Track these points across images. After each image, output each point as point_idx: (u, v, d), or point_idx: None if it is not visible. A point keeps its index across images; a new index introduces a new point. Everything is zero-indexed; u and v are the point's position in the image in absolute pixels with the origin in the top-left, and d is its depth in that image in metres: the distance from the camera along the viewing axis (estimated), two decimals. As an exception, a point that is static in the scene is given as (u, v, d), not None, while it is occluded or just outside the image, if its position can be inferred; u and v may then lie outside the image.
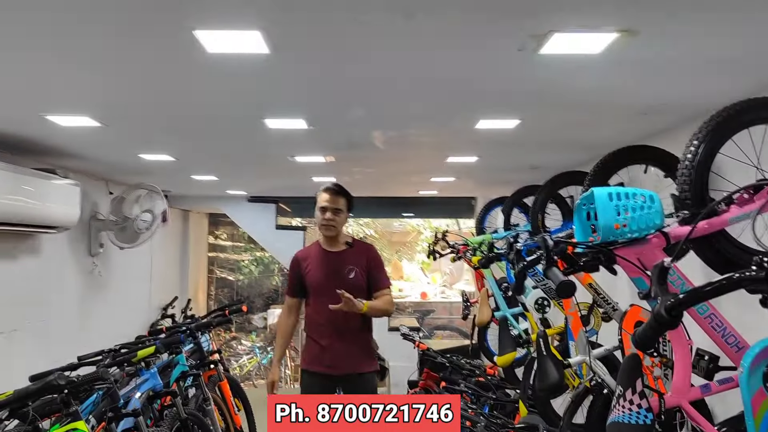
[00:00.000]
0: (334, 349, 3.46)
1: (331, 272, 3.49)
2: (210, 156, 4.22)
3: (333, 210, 3.46)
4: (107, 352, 3.86)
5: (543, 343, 2.74)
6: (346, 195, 3.53)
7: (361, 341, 3.55)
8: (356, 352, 3.51)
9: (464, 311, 5.43)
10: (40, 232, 4.05)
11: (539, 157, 4.14)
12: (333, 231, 3.51)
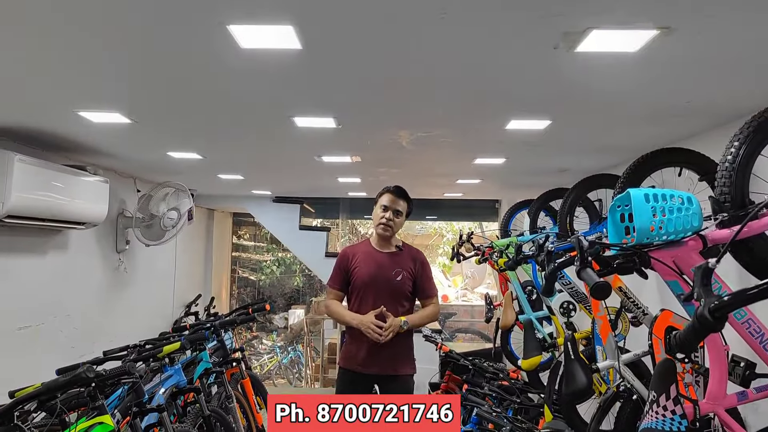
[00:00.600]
0: (374, 348, 3.44)
1: (379, 272, 3.48)
2: (237, 155, 4.23)
3: (394, 211, 3.47)
4: (132, 348, 3.89)
5: (571, 346, 2.69)
6: (407, 199, 3.55)
7: (401, 343, 3.52)
8: (396, 353, 3.50)
9: (487, 314, 5.39)
10: (69, 227, 4.09)
11: (567, 159, 4.09)
12: (389, 232, 3.49)
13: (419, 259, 3.62)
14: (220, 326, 4.41)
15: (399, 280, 3.48)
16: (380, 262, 3.51)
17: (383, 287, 3.45)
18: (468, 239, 4.63)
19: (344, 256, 3.63)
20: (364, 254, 3.55)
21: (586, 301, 3.68)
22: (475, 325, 10.58)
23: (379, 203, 3.49)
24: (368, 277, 3.48)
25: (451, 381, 5.30)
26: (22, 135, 3.51)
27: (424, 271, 3.59)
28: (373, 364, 3.45)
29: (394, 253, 3.57)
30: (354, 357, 3.51)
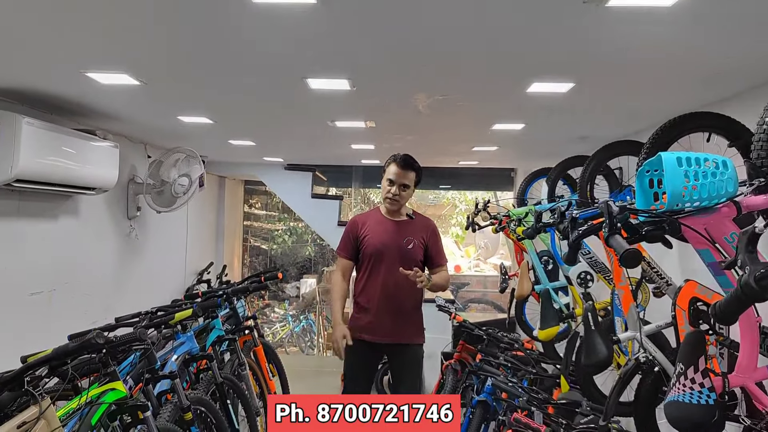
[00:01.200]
0: (383, 317, 3.44)
1: (390, 240, 3.46)
2: (249, 119, 4.14)
3: (401, 185, 3.41)
4: (144, 314, 3.85)
5: (591, 317, 2.62)
6: (416, 169, 3.48)
7: (411, 312, 3.55)
8: (405, 322, 3.51)
9: (502, 284, 5.33)
10: (79, 193, 4.04)
11: (588, 126, 3.96)
12: (396, 206, 3.50)
13: (430, 228, 3.61)
14: (232, 294, 4.37)
15: (410, 248, 3.46)
16: (391, 231, 3.49)
17: (394, 255, 3.43)
18: (484, 208, 4.54)
19: (354, 223, 3.59)
20: (374, 222, 3.53)
21: (606, 271, 3.60)
22: (487, 295, 10.54)
23: (386, 175, 3.45)
24: (379, 245, 3.46)
25: (464, 351, 5.26)
26: (29, 97, 3.44)
27: (435, 241, 3.57)
28: (382, 333, 3.45)
29: (405, 221, 3.55)
30: (362, 326, 3.49)
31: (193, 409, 3.38)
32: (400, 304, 3.47)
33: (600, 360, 2.56)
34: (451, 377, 4.90)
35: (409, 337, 3.55)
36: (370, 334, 3.48)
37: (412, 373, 3.60)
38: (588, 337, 2.59)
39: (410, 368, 3.59)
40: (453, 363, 5.10)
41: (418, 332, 3.64)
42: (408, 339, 3.54)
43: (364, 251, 3.51)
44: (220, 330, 4.29)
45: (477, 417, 4.23)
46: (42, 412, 2.10)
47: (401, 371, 3.61)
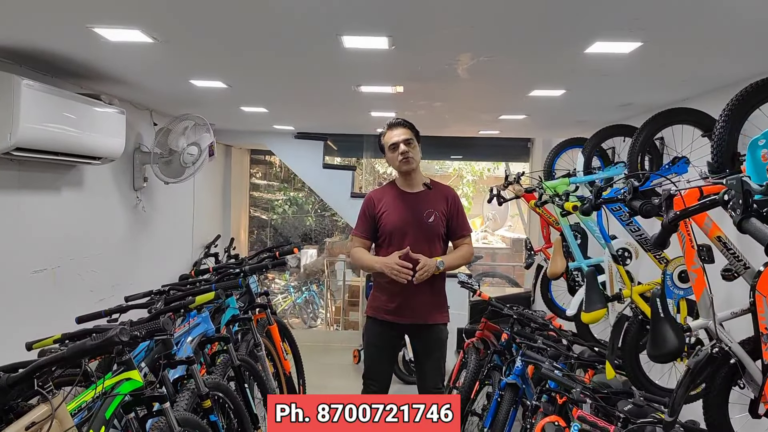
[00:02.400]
0: (404, 297, 3.29)
1: (409, 215, 3.30)
2: (268, 83, 3.81)
3: (405, 141, 3.26)
4: (156, 294, 3.61)
5: (660, 304, 2.38)
6: (412, 127, 3.33)
7: (434, 290, 3.37)
8: (428, 301, 3.35)
9: (527, 260, 5.08)
10: (84, 162, 3.75)
11: (636, 91, 3.65)
12: (413, 163, 3.29)
13: (450, 196, 3.43)
14: (250, 272, 4.10)
15: (431, 222, 3.30)
16: (410, 204, 3.33)
17: (415, 230, 3.28)
18: (517, 180, 4.25)
19: (370, 201, 3.43)
20: (391, 197, 3.37)
21: (656, 249, 3.35)
22: (497, 268, 10.32)
23: (387, 143, 3.31)
24: (399, 222, 3.30)
25: (486, 329, 5.03)
26: (29, 57, 3.12)
27: (456, 209, 3.40)
28: (404, 313, 3.32)
29: (423, 192, 3.37)
30: (383, 306, 3.38)
31: (211, 395, 3.17)
32: (423, 283, 3.26)
33: (670, 350, 2.32)
34: (474, 357, 4.68)
35: (432, 317, 3.40)
36: (392, 315, 3.35)
37: (436, 354, 3.46)
38: (656, 326, 2.35)
39: (434, 349, 3.45)
40: (475, 341, 4.88)
41: (442, 311, 3.47)
42: (432, 319, 3.39)
43: (383, 228, 3.35)
44: (235, 309, 4.05)
45: (506, 401, 4.01)
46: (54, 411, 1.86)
47: (425, 353, 3.46)
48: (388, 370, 3.51)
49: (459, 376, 4.97)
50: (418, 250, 3.22)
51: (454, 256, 3.38)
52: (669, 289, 3.04)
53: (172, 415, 2.61)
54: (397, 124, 3.30)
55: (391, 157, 3.33)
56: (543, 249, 4.84)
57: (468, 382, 4.55)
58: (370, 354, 3.49)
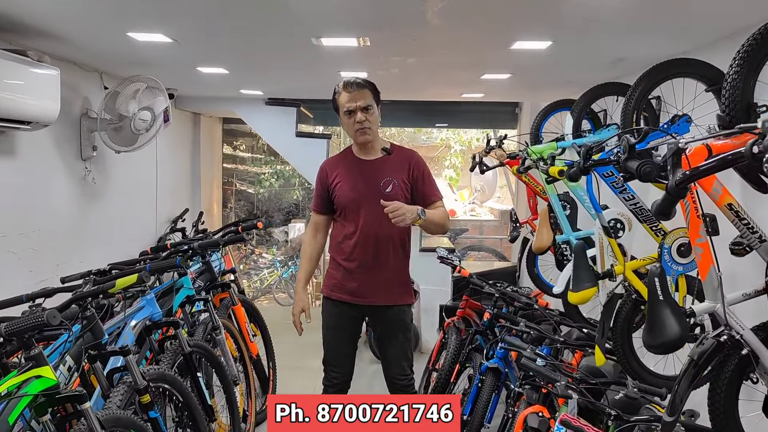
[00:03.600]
0: (363, 275, 3.06)
1: (364, 185, 3.01)
2: (215, 37, 3.39)
3: (362, 109, 2.93)
4: (96, 273, 3.23)
5: (659, 284, 2.02)
6: (370, 86, 2.99)
7: (396, 267, 3.12)
8: (389, 279, 3.10)
9: (512, 233, 4.75)
10: (10, 127, 3.32)
11: (633, 43, 3.25)
12: (370, 134, 2.98)
13: (413, 160, 3.09)
14: (200, 248, 3.72)
15: (389, 192, 2.98)
16: (365, 173, 3.04)
17: (371, 202, 2.96)
18: (499, 144, 3.86)
19: (323, 171, 3.16)
20: (345, 167, 3.09)
21: (652, 220, 2.98)
22: (485, 242, 9.97)
23: (342, 108, 2.98)
24: (352, 193, 3.03)
25: (468, 307, 4.71)
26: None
27: (421, 174, 3.07)
28: (361, 293, 3.08)
29: (381, 159, 3.06)
30: (340, 285, 3.13)
31: (153, 387, 2.82)
32: (382, 260, 3.05)
33: (671, 339, 1.97)
34: (454, 337, 4.36)
35: (393, 298, 3.12)
36: (350, 295, 3.10)
37: (400, 337, 3.17)
38: (655, 310, 2.00)
39: (397, 331, 3.16)
40: (456, 321, 4.55)
41: (405, 291, 3.19)
42: (392, 300, 3.12)
43: (337, 201, 3.08)
44: (190, 289, 3.70)
45: (487, 386, 3.72)
46: None
47: (387, 336, 3.19)
48: (349, 354, 3.22)
49: (439, 357, 4.66)
50: (376, 224, 2.95)
51: (434, 212, 2.99)
52: (667, 265, 2.68)
53: (93, 417, 2.25)
54: (355, 85, 2.93)
55: (347, 124, 3.00)
56: (529, 221, 4.49)
57: (448, 364, 4.25)
58: (329, 338, 3.21)
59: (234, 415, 3.64)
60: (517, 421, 2.91)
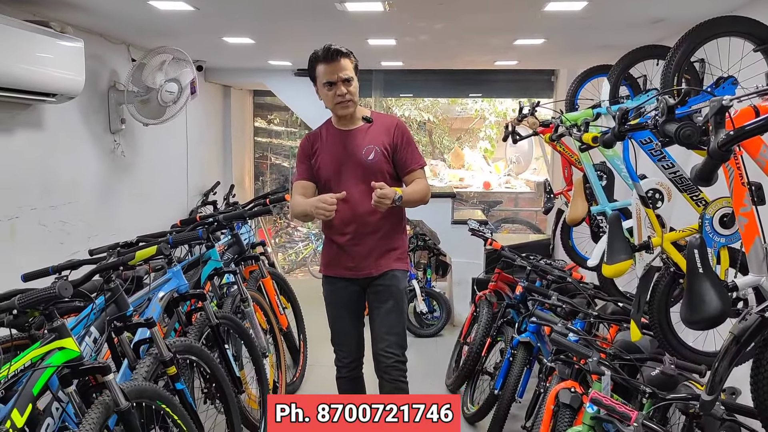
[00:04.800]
0: (355, 247, 2.98)
1: (345, 155, 2.93)
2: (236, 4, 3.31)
3: (343, 81, 2.83)
4: (122, 246, 3.22)
5: (699, 256, 1.90)
6: (348, 54, 2.87)
7: (386, 235, 3.02)
8: (382, 248, 3.01)
9: (546, 204, 4.61)
10: (36, 100, 3.32)
11: (671, 2, 3.06)
12: (350, 108, 2.90)
13: (394, 126, 2.98)
14: (225, 220, 3.70)
15: (371, 159, 2.91)
16: (346, 143, 2.95)
17: (352, 172, 2.91)
18: (531, 112, 3.72)
19: (304, 143, 3.09)
20: (325, 139, 3.01)
21: (693, 189, 2.83)
22: (520, 214, 9.80)
23: (320, 83, 2.88)
24: (333, 163, 2.95)
25: (500, 280, 4.62)
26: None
27: (403, 141, 2.97)
28: (358, 265, 3.00)
29: (362, 128, 2.97)
30: (336, 260, 3.05)
31: (180, 359, 2.82)
32: (371, 229, 2.96)
33: (711, 314, 1.86)
34: (486, 310, 4.29)
35: (386, 264, 3.01)
36: (346, 269, 3.03)
37: (387, 305, 3.01)
38: (694, 283, 1.88)
39: (387, 299, 3.01)
40: (488, 294, 4.47)
41: (398, 257, 3.06)
42: (385, 266, 3.01)
43: (318, 173, 2.99)
44: (218, 261, 3.68)
45: (519, 360, 3.65)
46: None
47: (375, 306, 3.06)
48: (351, 331, 3.15)
49: (470, 330, 4.59)
50: (358, 194, 2.86)
51: (411, 190, 2.92)
52: (708, 236, 2.54)
53: (117, 388, 2.25)
54: (335, 54, 2.80)
55: (326, 96, 2.90)
56: (564, 192, 4.35)
57: (479, 338, 4.19)
58: (331, 316, 3.16)
59: (263, 386, 3.65)
60: (548, 396, 2.84)
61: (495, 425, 3.60)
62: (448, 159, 13.06)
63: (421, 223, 6.57)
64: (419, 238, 6.49)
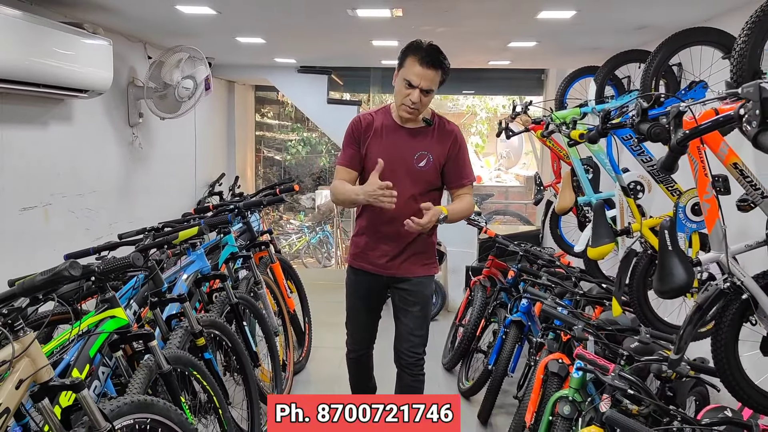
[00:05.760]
0: (386, 245, 2.91)
1: (397, 154, 2.78)
2: (256, 9, 3.60)
3: (425, 91, 2.67)
4: (149, 231, 3.52)
5: (669, 235, 2.22)
6: (444, 67, 2.70)
7: (420, 240, 2.93)
8: (415, 251, 2.94)
9: (536, 196, 4.93)
10: (70, 95, 3.60)
11: (655, 10, 3.38)
12: (417, 115, 2.76)
13: (453, 136, 2.86)
14: (244, 207, 4.00)
15: (422, 167, 2.80)
16: (401, 142, 2.80)
17: (400, 174, 2.76)
18: (524, 110, 4.04)
19: (357, 122, 2.88)
20: (381, 127, 2.84)
21: (669, 181, 3.16)
22: (510, 207, 10.16)
23: (403, 75, 2.68)
24: (384, 156, 2.73)
25: (494, 266, 4.94)
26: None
27: (458, 153, 2.84)
28: (387, 264, 2.93)
29: (421, 129, 2.83)
30: (363, 254, 2.98)
31: (206, 333, 3.11)
32: (404, 234, 2.80)
33: (678, 285, 2.18)
34: (480, 294, 4.61)
35: (414, 269, 2.95)
36: (370, 265, 2.97)
37: (416, 309, 2.99)
38: (664, 259, 2.20)
39: (413, 304, 2.98)
40: (482, 279, 4.79)
41: (430, 263, 3.02)
42: (413, 272, 2.95)
43: (365, 163, 2.85)
44: (234, 246, 3.97)
45: (511, 338, 3.95)
46: (24, 350, 1.78)
47: (402, 308, 3.02)
48: (367, 324, 3.15)
49: (465, 313, 4.91)
50: (401, 197, 2.69)
51: (457, 209, 2.83)
52: (681, 223, 2.89)
53: (160, 353, 2.54)
54: (431, 63, 2.63)
55: (400, 92, 2.71)
56: (553, 184, 4.67)
57: (474, 319, 4.50)
58: (350, 305, 3.14)
59: (275, 362, 3.94)
60: (538, 367, 3.17)
61: (489, 396, 3.92)
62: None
63: (417, 214, 6.87)
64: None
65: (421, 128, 2.83)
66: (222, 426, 2.97)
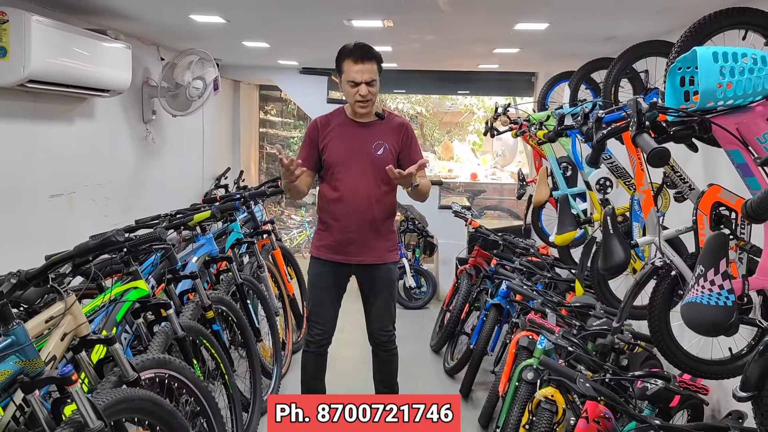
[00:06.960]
0: (351, 234, 3.15)
1: (357, 146, 3.08)
2: (262, 18, 3.99)
3: (369, 83, 2.99)
4: (164, 216, 3.91)
5: (610, 221, 2.61)
6: (377, 57, 3.03)
7: (384, 227, 3.22)
8: (377, 239, 3.19)
9: (519, 191, 5.30)
10: (94, 95, 3.99)
11: (617, 24, 3.76)
12: (370, 106, 3.07)
13: (404, 128, 3.18)
14: (250, 198, 4.39)
15: (380, 155, 3.07)
16: (358, 135, 3.09)
17: (362, 163, 3.06)
18: (504, 112, 4.43)
19: (314, 126, 3.16)
20: (338, 125, 3.12)
21: (626, 176, 3.54)
22: (503, 203, 10.54)
23: (345, 78, 2.99)
24: (344, 153, 3.08)
25: (479, 256, 5.33)
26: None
27: (409, 143, 3.17)
28: (349, 252, 3.17)
29: (374, 123, 3.13)
30: (329, 245, 3.21)
31: (214, 308, 3.48)
32: (370, 220, 3.11)
33: (617, 263, 2.56)
34: (466, 282, 5.00)
35: (381, 256, 3.21)
36: (336, 254, 3.19)
37: (385, 293, 3.28)
38: (606, 241, 2.59)
39: (383, 288, 3.27)
40: (468, 268, 5.18)
41: (391, 250, 3.28)
42: (381, 258, 3.21)
43: (327, 160, 3.11)
44: (239, 233, 4.35)
45: (490, 319, 4.34)
46: (68, 308, 2.16)
47: (373, 293, 3.30)
48: (332, 313, 3.35)
49: (452, 299, 5.30)
50: (364, 184, 3.04)
51: (423, 182, 3.10)
52: (636, 214, 3.25)
53: (176, 320, 2.93)
54: (365, 56, 2.95)
55: (348, 92, 3.01)
56: (534, 180, 5.03)
57: (459, 304, 4.89)
58: (315, 297, 3.34)
59: (275, 339, 4.33)
60: (512, 342, 3.56)
61: (470, 372, 4.32)
62: (438, 151, 13.69)
63: (411, 207, 7.27)
64: (409, 222, 7.19)
65: (375, 121, 3.15)
66: (228, 390, 3.36)
